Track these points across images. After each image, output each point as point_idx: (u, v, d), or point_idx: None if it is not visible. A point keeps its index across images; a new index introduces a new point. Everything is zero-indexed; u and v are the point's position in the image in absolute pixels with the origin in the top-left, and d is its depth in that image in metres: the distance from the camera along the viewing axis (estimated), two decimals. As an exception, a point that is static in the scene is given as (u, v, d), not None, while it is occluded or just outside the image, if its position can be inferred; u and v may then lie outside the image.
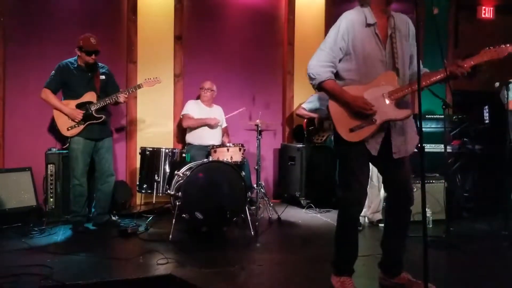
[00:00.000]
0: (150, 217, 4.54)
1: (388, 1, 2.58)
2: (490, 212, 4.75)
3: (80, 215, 4.28)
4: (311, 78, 2.61)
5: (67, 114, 4.18)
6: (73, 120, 4.17)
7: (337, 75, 2.64)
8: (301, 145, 5.55)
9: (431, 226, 4.43)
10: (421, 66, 2.73)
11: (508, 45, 2.52)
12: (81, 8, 5.16)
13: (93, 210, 4.45)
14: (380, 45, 2.58)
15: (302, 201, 5.43)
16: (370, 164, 2.71)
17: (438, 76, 2.54)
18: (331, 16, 6.13)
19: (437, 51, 2.65)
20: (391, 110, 2.54)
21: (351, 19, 2.58)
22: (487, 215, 4.65)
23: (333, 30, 2.61)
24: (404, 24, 2.69)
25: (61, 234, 4.14)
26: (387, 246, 2.74)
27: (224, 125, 5.37)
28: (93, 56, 4.18)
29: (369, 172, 2.72)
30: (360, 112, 2.51)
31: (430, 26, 6.03)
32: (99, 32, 5.02)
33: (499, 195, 4.79)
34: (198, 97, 5.43)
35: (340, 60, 2.61)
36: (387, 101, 2.54)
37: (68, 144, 4.27)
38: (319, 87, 2.61)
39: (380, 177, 3.37)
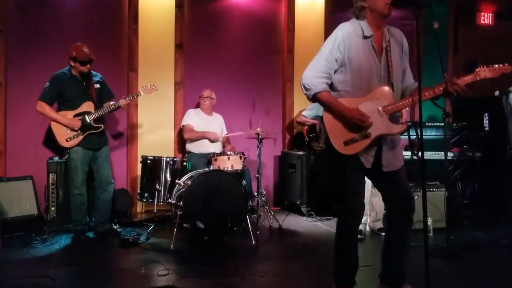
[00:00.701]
0: (151, 225, 4.55)
1: (384, 15, 2.58)
2: (490, 220, 4.76)
3: (81, 224, 4.30)
4: (305, 89, 2.60)
5: (65, 125, 4.18)
6: (72, 129, 4.18)
7: (331, 86, 2.64)
8: (301, 153, 5.56)
9: (431, 234, 4.43)
10: (413, 81, 2.78)
11: (501, 65, 2.56)
12: (82, 16, 5.17)
13: (94, 219, 4.46)
14: (376, 58, 2.59)
15: (302, 209, 5.44)
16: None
17: (432, 93, 2.54)
18: (331, 24, 6.13)
19: (436, 62, 2.68)
20: (385, 125, 2.56)
21: (347, 31, 2.59)
22: (488, 223, 4.66)
23: (329, 41, 2.62)
24: (398, 38, 2.70)
25: (62, 243, 4.15)
26: (387, 257, 2.73)
27: (225, 132, 5.39)
28: (87, 66, 4.18)
29: (365, 183, 2.72)
30: (356, 125, 2.52)
31: (430, 39, 6.07)
32: (100, 40, 5.09)
33: (499, 202, 4.80)
34: (197, 106, 5.45)
35: (335, 71, 2.61)
36: (382, 116, 2.55)
37: (67, 155, 4.27)
38: (313, 98, 2.61)
39: None
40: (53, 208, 4.58)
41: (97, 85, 4.36)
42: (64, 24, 5.10)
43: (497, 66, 2.57)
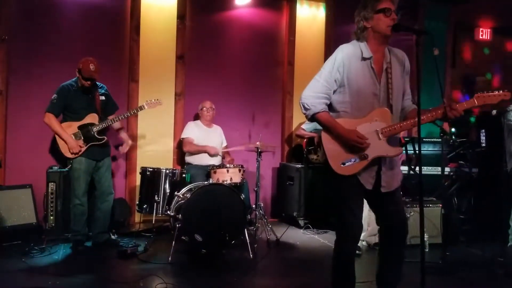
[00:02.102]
0: (149, 236, 4.56)
1: (385, 37, 2.61)
2: (486, 236, 4.80)
3: (80, 234, 4.32)
4: (305, 109, 2.63)
5: (69, 146, 4.19)
6: (71, 152, 4.20)
7: (330, 107, 2.66)
8: (300, 165, 5.60)
9: (427, 250, 4.46)
10: (410, 102, 2.82)
11: (501, 91, 2.59)
12: (84, 27, 5.22)
13: (93, 228, 4.46)
14: (375, 79, 2.61)
15: (300, 221, 5.47)
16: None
17: (431, 116, 2.57)
18: (331, 37, 6.22)
19: (434, 78, 2.71)
20: (383, 147, 2.58)
21: (347, 52, 2.62)
22: (483, 240, 4.69)
23: (329, 62, 2.64)
24: (400, 59, 2.72)
25: (61, 253, 4.17)
26: (382, 279, 2.75)
27: (225, 144, 5.42)
28: (89, 82, 4.22)
29: (363, 204, 2.74)
30: (353, 146, 2.55)
31: (428, 55, 6.12)
32: (101, 50, 5.12)
33: (495, 219, 4.84)
34: (196, 118, 5.49)
35: (334, 92, 2.63)
36: (380, 138, 2.58)
37: (70, 165, 4.29)
38: (312, 118, 2.64)
39: None
40: (51, 217, 4.60)
41: (102, 97, 4.41)
42: (66, 34, 5.14)
43: (496, 92, 2.59)
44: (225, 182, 4.35)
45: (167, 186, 4.49)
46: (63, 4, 5.13)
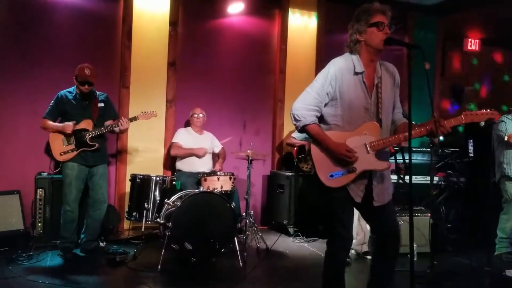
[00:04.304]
0: (138, 243, 4.54)
1: (378, 51, 2.65)
2: (472, 246, 4.86)
3: (69, 241, 4.29)
4: (295, 120, 2.66)
5: (59, 129, 4.21)
6: (64, 134, 4.19)
7: (321, 119, 2.69)
8: (290, 173, 5.62)
9: (416, 259, 4.49)
10: (400, 116, 2.85)
11: (488, 110, 2.64)
12: (75, 32, 5.19)
13: (82, 236, 4.44)
14: (367, 94, 2.64)
15: (289, 229, 5.49)
16: None
17: (419, 132, 2.61)
18: (322, 46, 6.27)
19: (423, 87, 2.73)
20: (371, 160, 2.61)
21: (340, 66, 2.64)
22: (470, 249, 4.74)
23: (321, 75, 2.66)
24: (391, 73, 2.76)
25: (49, 260, 4.13)
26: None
27: (220, 147, 5.41)
28: (86, 87, 4.22)
29: (353, 215, 2.76)
30: (342, 159, 2.58)
31: (420, 74, 6.21)
32: (93, 56, 5.09)
33: (482, 228, 4.90)
34: (186, 125, 5.49)
35: (325, 105, 2.66)
36: (368, 151, 2.61)
37: (59, 169, 4.29)
38: (302, 129, 2.67)
39: None
40: (39, 224, 4.55)
41: (101, 104, 4.41)
42: (58, 40, 5.12)
43: (484, 111, 2.64)
44: (215, 190, 4.35)
45: (157, 193, 4.47)
46: (54, 10, 5.10)
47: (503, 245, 4.81)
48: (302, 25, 6.28)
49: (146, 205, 4.41)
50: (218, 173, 4.61)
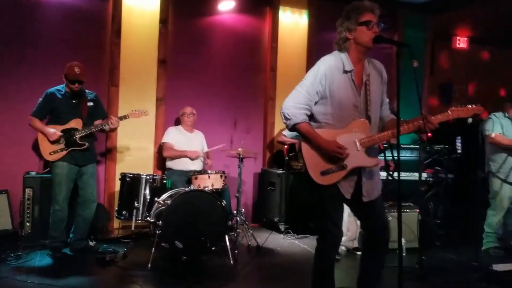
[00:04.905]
0: (128, 242, 4.52)
1: (366, 49, 2.67)
2: (460, 241, 4.91)
3: (58, 240, 4.26)
4: (286, 118, 2.67)
5: (46, 134, 4.18)
6: (49, 139, 4.16)
7: (312, 117, 2.70)
8: (281, 171, 5.64)
9: (404, 254, 4.54)
10: (388, 112, 2.88)
11: (474, 105, 2.67)
12: (64, 30, 5.15)
13: (71, 235, 4.41)
14: (356, 91, 2.66)
15: (280, 226, 5.50)
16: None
17: (407, 128, 2.64)
18: (313, 44, 6.28)
19: (411, 86, 2.76)
20: (361, 157, 2.63)
21: (329, 65, 2.66)
22: (458, 244, 4.80)
23: (311, 73, 2.68)
24: (378, 70, 2.78)
25: (38, 260, 4.09)
26: (362, 284, 2.80)
27: (206, 149, 5.41)
28: (76, 85, 4.20)
29: (343, 212, 2.79)
30: (333, 156, 2.59)
31: (409, 71, 6.26)
32: (81, 54, 5.07)
33: (469, 224, 4.97)
34: (177, 123, 5.47)
35: (316, 103, 2.68)
36: (358, 148, 2.63)
37: (49, 168, 4.27)
38: (293, 128, 2.68)
39: None
40: (28, 224, 4.51)
41: (90, 103, 4.38)
42: (46, 37, 5.08)
43: (470, 106, 2.67)
44: (206, 188, 4.34)
45: (147, 192, 4.47)
46: (42, 7, 5.06)
47: (490, 240, 4.88)
48: (293, 23, 6.30)
49: (136, 204, 4.40)
50: (209, 171, 4.61)
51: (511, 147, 4.78)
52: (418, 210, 4.78)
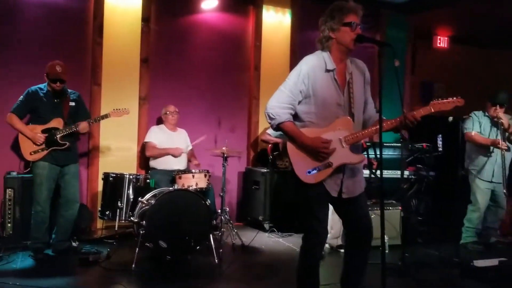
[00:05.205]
0: (112, 243, 4.48)
1: (348, 49, 2.70)
2: (442, 237, 4.99)
3: (40, 241, 4.20)
4: (270, 118, 2.69)
5: (29, 137, 4.13)
6: (34, 143, 4.12)
7: (296, 117, 2.72)
8: (265, 170, 5.66)
9: (387, 251, 4.59)
10: (374, 111, 2.91)
11: (455, 98, 2.72)
12: (45, 28, 5.08)
13: (53, 236, 4.35)
14: (339, 90, 2.68)
15: (265, 225, 5.52)
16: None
17: (390, 124, 2.67)
18: (297, 43, 6.31)
19: (394, 85, 2.80)
20: (346, 155, 2.66)
21: (312, 64, 2.68)
22: (440, 241, 4.88)
23: (294, 73, 2.69)
24: (361, 69, 2.81)
25: (19, 261, 4.03)
26: (346, 282, 2.82)
27: (190, 148, 5.39)
28: (57, 84, 4.14)
29: (328, 210, 2.81)
30: (318, 154, 2.61)
31: (391, 70, 6.33)
32: (63, 52, 5.01)
33: (451, 220, 5.06)
34: (159, 122, 5.44)
35: (299, 102, 2.69)
36: (343, 146, 2.66)
37: (30, 169, 4.20)
38: (277, 127, 2.69)
39: None
40: (9, 225, 4.45)
41: (72, 103, 4.32)
42: (27, 36, 5.00)
43: (450, 99, 2.72)
44: (190, 187, 4.33)
45: (130, 192, 4.44)
46: (23, 5, 4.98)
47: (469, 234, 4.98)
48: (277, 22, 6.31)
49: (119, 204, 4.37)
50: (193, 170, 4.60)
51: (486, 146, 4.88)
52: (400, 208, 4.85)
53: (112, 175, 4.47)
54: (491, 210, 5.04)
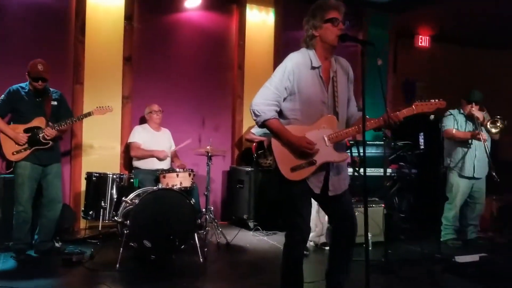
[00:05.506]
0: (95, 243, 4.45)
1: (332, 47, 2.73)
2: (424, 234, 5.07)
3: (22, 242, 4.15)
4: (255, 115, 2.70)
5: (11, 137, 4.07)
6: (17, 143, 4.06)
7: (280, 114, 2.74)
8: (249, 169, 5.67)
9: (371, 248, 4.64)
10: (356, 110, 2.95)
11: (437, 100, 2.77)
12: (27, 26, 5.01)
13: (36, 237, 4.30)
14: (323, 88, 2.71)
15: (250, 223, 5.54)
16: None
17: (374, 123, 2.71)
18: (280, 42, 6.33)
19: (376, 83, 2.84)
20: (330, 153, 2.69)
21: (297, 61, 2.70)
22: (422, 237, 4.95)
23: (279, 70, 2.71)
24: (345, 68, 2.85)
25: (1, 263, 3.98)
26: (331, 278, 2.86)
27: (173, 147, 5.37)
28: (39, 83, 4.09)
29: (311, 208, 2.84)
30: (303, 152, 2.64)
31: (373, 69, 6.40)
32: (45, 51, 4.94)
33: (432, 217, 5.14)
34: (142, 122, 5.42)
35: (284, 99, 2.71)
36: (327, 144, 2.69)
37: (12, 169, 4.14)
38: (263, 124, 2.71)
39: None
40: (-10, 226, 4.37)
41: (54, 102, 4.27)
42: (7, 34, 4.93)
43: (433, 101, 2.77)
44: (174, 186, 4.32)
45: (114, 191, 4.41)
46: (4, 2, 4.89)
47: (448, 232, 5.08)
48: (260, 21, 6.32)
49: (103, 204, 4.34)
50: (177, 169, 4.58)
51: (466, 140, 4.97)
52: (383, 205, 4.91)
53: (96, 174, 4.43)
54: (469, 207, 5.13)
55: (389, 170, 5.60)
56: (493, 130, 4.88)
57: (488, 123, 4.87)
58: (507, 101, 7.09)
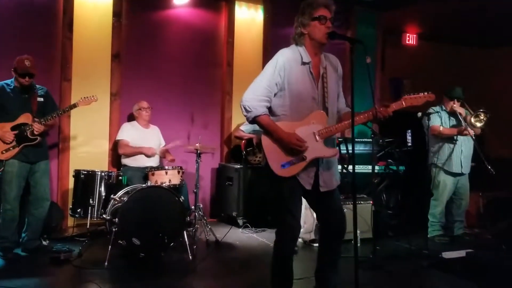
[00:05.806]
0: (84, 241, 4.41)
1: (321, 44, 2.74)
2: (411, 230, 5.13)
3: (9, 241, 4.10)
4: (246, 111, 2.69)
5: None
6: (4, 142, 4.01)
7: (270, 110, 2.74)
8: (238, 166, 5.67)
9: (359, 244, 4.67)
10: (344, 105, 2.97)
11: (426, 93, 2.80)
12: (14, 22, 4.95)
13: (23, 235, 4.26)
14: (313, 83, 2.73)
15: (239, 221, 5.54)
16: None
17: (363, 118, 2.73)
18: (269, 40, 6.33)
19: (365, 80, 2.87)
20: (320, 148, 2.71)
21: (287, 57, 2.71)
22: (409, 233, 5.01)
23: (270, 65, 2.72)
24: (334, 64, 2.87)
25: (-13, 262, 3.94)
26: (321, 274, 2.88)
27: (163, 144, 5.34)
28: (26, 79, 4.04)
29: (301, 204, 2.84)
30: (293, 149, 2.65)
31: (362, 67, 6.43)
32: (32, 48, 4.86)
33: (420, 214, 5.20)
34: (130, 119, 5.39)
35: (274, 95, 2.71)
36: (317, 139, 2.70)
37: (2, 168, 4.08)
38: (253, 120, 2.70)
39: None
40: (-23, 224, 4.31)
41: (41, 99, 4.22)
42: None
43: (422, 94, 2.79)
44: (163, 184, 4.31)
45: (102, 189, 4.37)
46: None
47: (435, 228, 5.14)
48: (249, 18, 6.32)
49: (91, 201, 4.31)
50: (166, 167, 4.57)
51: (451, 137, 5.02)
52: (372, 202, 4.95)
53: (84, 172, 4.39)
54: (455, 203, 5.19)
55: (377, 167, 5.64)
56: (478, 124, 4.93)
57: (472, 118, 4.92)
58: (494, 99, 7.19)
